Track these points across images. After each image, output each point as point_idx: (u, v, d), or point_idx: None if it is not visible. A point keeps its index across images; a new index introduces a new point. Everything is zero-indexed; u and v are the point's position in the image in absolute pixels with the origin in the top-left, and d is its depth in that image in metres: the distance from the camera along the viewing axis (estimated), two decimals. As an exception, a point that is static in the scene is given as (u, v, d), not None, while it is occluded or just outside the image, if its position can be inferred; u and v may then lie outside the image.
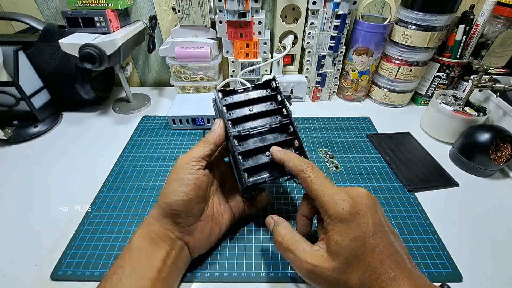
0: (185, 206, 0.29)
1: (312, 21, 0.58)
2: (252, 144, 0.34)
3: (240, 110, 0.35)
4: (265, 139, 0.34)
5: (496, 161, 0.45)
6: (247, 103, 0.36)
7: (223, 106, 0.34)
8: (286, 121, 0.35)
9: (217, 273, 0.34)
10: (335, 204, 0.25)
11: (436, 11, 0.52)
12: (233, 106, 0.35)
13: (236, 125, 0.34)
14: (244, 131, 0.34)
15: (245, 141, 0.34)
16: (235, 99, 0.36)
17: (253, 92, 0.37)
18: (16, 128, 0.54)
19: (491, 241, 0.38)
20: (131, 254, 0.28)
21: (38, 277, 0.33)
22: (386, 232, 0.25)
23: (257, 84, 0.37)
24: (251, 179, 0.32)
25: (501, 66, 0.60)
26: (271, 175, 0.33)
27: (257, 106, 0.36)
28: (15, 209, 0.41)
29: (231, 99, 0.36)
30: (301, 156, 0.33)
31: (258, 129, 0.34)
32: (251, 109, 0.36)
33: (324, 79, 0.64)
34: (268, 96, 0.36)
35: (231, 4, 0.53)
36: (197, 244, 0.32)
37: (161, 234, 0.30)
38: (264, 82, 0.37)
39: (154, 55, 0.70)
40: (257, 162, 0.33)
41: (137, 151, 0.52)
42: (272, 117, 0.36)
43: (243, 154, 0.33)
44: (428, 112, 0.57)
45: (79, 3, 0.51)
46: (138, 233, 0.30)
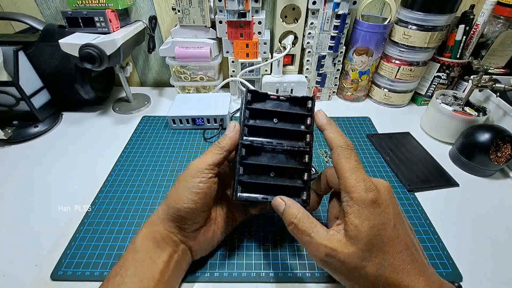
0: (193, 213, 0.29)
1: (312, 21, 0.58)
2: (261, 159, 0.31)
3: (263, 120, 0.31)
4: (276, 159, 0.31)
5: (496, 161, 0.45)
6: (274, 114, 0.31)
7: (247, 109, 0.31)
8: (306, 149, 0.31)
9: (217, 273, 0.34)
10: (361, 189, 0.24)
11: (436, 11, 0.52)
12: (258, 113, 0.31)
13: (252, 134, 0.31)
14: (258, 142, 0.30)
15: (255, 154, 0.31)
16: (263, 106, 0.31)
17: (285, 103, 0.32)
18: (16, 128, 0.54)
19: (491, 241, 0.38)
20: (135, 255, 0.28)
21: (38, 277, 0.33)
22: (406, 226, 0.25)
23: (292, 97, 0.32)
24: (244, 195, 0.30)
25: (501, 66, 0.60)
26: (266, 198, 0.30)
27: (283, 121, 0.32)
28: (15, 209, 0.41)
29: (259, 105, 0.31)
30: (303, 192, 0.30)
31: (273, 145, 0.31)
32: (276, 122, 0.32)
33: (324, 79, 0.64)
34: (299, 115, 0.32)
35: (231, 4, 0.53)
36: (199, 248, 0.32)
37: (165, 236, 0.29)
38: (300, 98, 0.32)
39: (154, 55, 0.70)
40: (257, 179, 0.30)
41: (137, 151, 0.52)
42: (294, 139, 0.32)
43: (246, 166, 0.30)
44: (428, 112, 0.57)
45: (79, 3, 0.51)
46: (141, 233, 0.30)
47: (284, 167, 0.30)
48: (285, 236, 0.38)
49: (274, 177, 0.30)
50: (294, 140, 0.31)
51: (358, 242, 0.23)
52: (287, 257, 0.35)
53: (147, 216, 0.40)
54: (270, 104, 0.32)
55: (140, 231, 0.30)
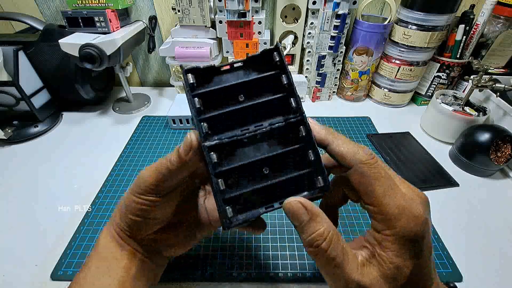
0: (142, 229, 0.26)
1: (312, 21, 0.58)
2: (241, 157, 0.22)
3: (224, 102, 0.22)
4: (261, 149, 0.22)
5: (496, 161, 0.45)
6: (234, 89, 0.22)
7: (194, 96, 0.21)
8: (296, 118, 0.22)
9: (217, 273, 0.34)
10: (405, 220, 0.18)
11: (436, 11, 0.52)
12: (212, 96, 0.22)
13: (217, 129, 0.21)
14: (228, 137, 0.21)
15: (230, 153, 0.22)
16: (215, 84, 0.22)
17: (244, 72, 0.23)
18: (16, 128, 0.54)
19: (491, 241, 0.38)
20: (97, 253, 0.26)
21: (38, 277, 0.33)
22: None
23: (251, 57, 0.22)
24: (240, 217, 0.21)
25: (501, 66, 0.60)
26: (272, 205, 0.21)
27: (251, 94, 0.22)
28: (15, 209, 0.41)
29: (210, 85, 0.22)
30: (317, 177, 0.21)
31: (250, 133, 0.22)
32: (242, 98, 0.22)
33: (324, 79, 0.64)
34: (267, 78, 0.22)
35: (231, 4, 0.53)
36: (166, 248, 0.28)
37: (122, 236, 0.26)
38: (261, 54, 0.22)
39: (154, 55, 0.70)
40: (248, 187, 0.21)
41: (137, 151, 0.52)
42: (275, 113, 0.23)
43: (225, 176, 0.21)
44: (428, 112, 0.57)
45: (79, 3, 0.50)
46: (103, 231, 0.27)
47: (278, 154, 0.22)
48: (285, 236, 0.38)
49: (270, 173, 0.22)
50: (277, 114, 0.23)
51: (395, 283, 0.19)
52: (287, 257, 0.35)
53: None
54: (225, 78, 0.22)
55: (102, 230, 0.27)
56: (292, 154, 0.22)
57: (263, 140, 0.22)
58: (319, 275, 0.34)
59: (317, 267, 0.20)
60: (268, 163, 0.22)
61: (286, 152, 0.22)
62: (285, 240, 0.37)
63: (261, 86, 0.23)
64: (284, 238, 0.37)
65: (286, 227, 0.39)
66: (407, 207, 0.19)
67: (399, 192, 0.19)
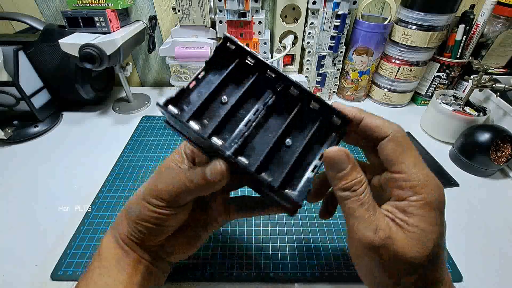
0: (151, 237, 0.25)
1: (312, 21, 0.58)
2: (261, 145, 0.21)
3: (212, 110, 0.22)
4: (270, 127, 0.22)
5: (496, 161, 0.45)
6: (214, 94, 0.22)
7: (187, 121, 0.20)
8: (281, 84, 0.22)
9: (217, 273, 0.34)
10: (431, 188, 0.20)
11: (436, 11, 0.52)
12: (200, 112, 0.21)
13: (223, 135, 0.21)
14: (238, 137, 0.21)
15: (251, 148, 0.21)
16: (195, 101, 0.21)
17: (211, 74, 0.22)
18: (16, 128, 0.54)
19: (491, 241, 0.38)
20: (100, 259, 0.25)
21: (38, 277, 0.33)
22: None
23: (208, 61, 0.22)
24: (300, 189, 0.21)
25: (501, 66, 0.60)
26: (315, 167, 0.22)
27: (230, 91, 0.22)
28: (15, 209, 0.41)
29: (190, 105, 0.21)
30: (331, 115, 0.22)
31: (253, 122, 0.21)
32: (225, 100, 0.22)
33: (324, 79, 0.64)
34: (234, 70, 0.22)
35: (231, 4, 0.53)
36: (175, 250, 0.28)
37: (128, 241, 0.26)
38: (215, 52, 0.22)
39: (154, 55, 0.70)
40: (284, 164, 0.21)
41: (137, 151, 0.52)
42: (261, 96, 0.22)
43: (261, 169, 0.21)
44: (428, 112, 0.57)
45: (79, 3, 0.50)
46: (107, 235, 0.26)
47: (287, 124, 0.22)
48: (285, 236, 0.38)
49: (292, 142, 0.22)
50: (263, 91, 0.23)
51: (424, 247, 0.19)
52: (287, 257, 0.35)
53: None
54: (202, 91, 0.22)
55: (105, 233, 0.27)
56: (299, 115, 0.22)
57: (267, 119, 0.22)
58: (319, 274, 0.34)
59: (346, 215, 0.21)
60: (285, 135, 0.22)
61: (293, 118, 0.22)
62: (285, 240, 0.37)
63: (236, 79, 0.23)
64: (284, 238, 0.37)
65: (286, 227, 0.39)
66: (432, 177, 0.20)
67: (424, 164, 0.21)
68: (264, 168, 0.21)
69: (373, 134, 0.22)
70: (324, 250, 0.36)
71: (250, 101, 0.22)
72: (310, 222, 0.39)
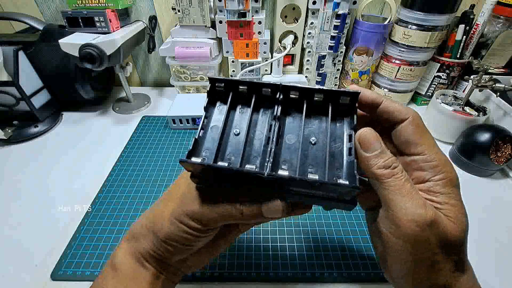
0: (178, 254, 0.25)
1: (312, 21, 0.58)
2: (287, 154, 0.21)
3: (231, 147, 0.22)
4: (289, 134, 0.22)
5: (496, 161, 0.45)
6: (225, 134, 0.22)
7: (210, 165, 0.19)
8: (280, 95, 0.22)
9: (217, 273, 0.34)
10: (450, 167, 0.21)
11: (436, 11, 0.52)
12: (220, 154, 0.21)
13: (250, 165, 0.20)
14: (266, 158, 0.20)
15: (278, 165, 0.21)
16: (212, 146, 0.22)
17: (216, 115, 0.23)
18: (16, 128, 0.54)
19: (491, 241, 0.38)
20: (115, 274, 0.24)
21: (38, 277, 0.33)
22: None
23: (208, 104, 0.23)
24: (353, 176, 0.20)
25: (501, 66, 0.60)
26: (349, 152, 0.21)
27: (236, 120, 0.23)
28: (15, 209, 0.41)
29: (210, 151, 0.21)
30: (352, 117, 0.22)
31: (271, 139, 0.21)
32: (236, 132, 0.22)
33: (324, 79, 0.64)
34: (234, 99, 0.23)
35: (231, 4, 0.53)
36: (192, 265, 0.27)
37: (148, 256, 0.24)
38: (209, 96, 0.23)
39: (154, 55, 0.70)
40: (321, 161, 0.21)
41: (137, 151, 0.52)
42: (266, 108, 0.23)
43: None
44: (428, 112, 0.57)
45: (79, 3, 0.50)
46: (122, 248, 0.25)
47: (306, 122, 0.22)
48: (285, 236, 0.38)
49: (317, 139, 0.22)
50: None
51: (460, 222, 0.20)
52: (287, 257, 0.35)
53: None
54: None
55: (120, 244, 0.25)
56: (310, 112, 0.23)
57: (283, 128, 0.23)
58: (319, 275, 0.34)
59: (389, 197, 0.19)
60: (306, 135, 0.22)
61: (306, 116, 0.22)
62: (285, 240, 0.37)
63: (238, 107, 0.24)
64: (284, 238, 0.37)
65: (286, 227, 0.39)
66: (447, 158, 0.21)
67: (437, 147, 0.21)
68: (305, 172, 0.21)
69: (392, 117, 0.22)
70: (324, 250, 0.36)
71: (260, 119, 0.23)
72: (310, 222, 0.39)
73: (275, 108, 0.22)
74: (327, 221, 0.40)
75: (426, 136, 0.21)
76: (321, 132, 0.22)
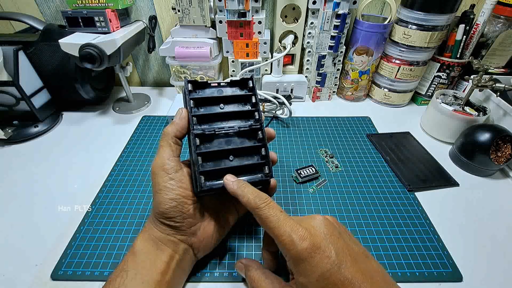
0: (178, 210, 0.29)
1: (312, 21, 0.58)
2: (216, 145, 0.31)
3: (210, 107, 0.32)
4: (231, 142, 0.32)
5: (496, 161, 0.45)
6: (218, 100, 0.33)
7: (191, 99, 0.31)
8: (257, 126, 0.32)
9: (217, 273, 0.34)
10: (293, 243, 0.23)
11: (436, 11, 0.52)
12: (202, 101, 0.32)
13: (202, 122, 0.31)
14: (210, 130, 0.31)
15: (209, 141, 0.31)
16: (206, 94, 0.32)
17: (227, 88, 0.33)
18: (16, 128, 0.54)
19: (491, 241, 0.38)
20: (135, 257, 0.28)
21: (38, 277, 0.33)
22: (355, 260, 0.23)
23: (232, 81, 0.33)
24: (208, 183, 0.29)
25: (501, 66, 0.60)
26: None
27: (229, 105, 0.33)
28: (15, 209, 0.41)
29: (201, 93, 0.32)
30: (264, 166, 0.31)
31: (225, 130, 0.31)
32: (222, 107, 0.32)
33: (324, 79, 0.64)
34: (242, 96, 0.33)
35: (231, 4, 0.53)
36: (201, 245, 0.31)
37: (163, 239, 0.29)
38: (240, 80, 0.33)
39: (154, 55, 0.70)
40: (218, 165, 0.30)
41: (137, 151, 0.52)
42: (243, 119, 0.33)
43: (204, 155, 0.30)
44: (428, 111, 0.57)
45: (79, 3, 0.50)
46: (141, 236, 0.30)
47: (241, 148, 0.31)
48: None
49: (234, 160, 0.31)
50: (244, 121, 0.33)
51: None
52: (287, 257, 0.35)
53: (147, 216, 0.40)
54: (214, 91, 0.33)
55: (139, 234, 0.30)
56: (250, 149, 0.32)
57: (232, 136, 0.32)
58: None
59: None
60: (233, 152, 0.31)
61: (246, 147, 0.31)
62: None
63: (236, 100, 0.33)
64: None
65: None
66: (292, 232, 0.23)
67: (285, 224, 0.24)
68: (203, 158, 0.30)
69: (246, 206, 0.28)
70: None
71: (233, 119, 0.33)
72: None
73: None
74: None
75: (267, 221, 0.25)
76: None
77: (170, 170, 0.29)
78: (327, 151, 0.52)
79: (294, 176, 0.46)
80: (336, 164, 0.49)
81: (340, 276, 0.21)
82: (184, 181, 0.30)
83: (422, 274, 0.33)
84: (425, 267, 0.34)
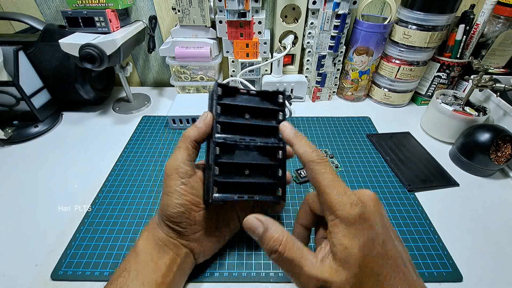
0: (185, 217, 0.29)
1: (312, 21, 0.58)
2: (235, 157, 0.29)
3: (234, 115, 0.31)
4: (250, 156, 0.30)
5: (496, 161, 0.45)
6: (245, 109, 0.31)
7: (218, 105, 0.30)
8: (279, 145, 0.30)
9: (217, 273, 0.34)
10: (345, 205, 0.22)
11: (436, 11, 0.52)
12: (228, 108, 0.30)
13: (224, 130, 0.30)
14: (231, 140, 0.29)
15: (227, 151, 0.29)
16: (235, 101, 0.31)
17: (255, 98, 0.32)
18: (16, 128, 0.54)
19: (491, 241, 0.38)
20: (137, 257, 0.28)
21: (38, 277, 0.33)
22: (393, 241, 0.22)
23: (262, 91, 0.31)
24: (219, 195, 0.28)
25: (501, 66, 0.60)
26: (242, 196, 0.29)
27: (254, 116, 0.31)
28: (15, 209, 0.41)
29: (230, 100, 0.30)
30: (278, 188, 0.30)
31: (246, 142, 0.30)
32: (247, 117, 0.31)
33: (324, 79, 0.64)
34: (270, 110, 0.31)
35: (231, 4, 0.53)
36: (202, 251, 0.31)
37: (166, 241, 0.29)
38: (271, 92, 0.31)
39: (154, 55, 0.70)
40: (232, 178, 0.29)
41: (137, 151, 0.52)
42: (266, 134, 0.31)
43: (221, 166, 0.28)
44: (428, 112, 0.57)
45: (79, 3, 0.50)
46: (144, 235, 0.30)
47: (259, 164, 0.30)
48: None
49: (249, 175, 0.30)
50: (267, 136, 0.31)
51: (350, 265, 0.21)
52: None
53: (147, 216, 0.40)
54: (241, 98, 0.31)
55: (142, 233, 0.30)
56: (268, 167, 0.30)
57: (252, 150, 0.30)
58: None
59: (285, 274, 0.24)
60: (250, 167, 0.30)
61: (265, 165, 0.30)
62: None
63: (263, 113, 0.31)
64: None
65: (286, 227, 0.39)
66: (346, 195, 0.22)
67: (340, 185, 0.23)
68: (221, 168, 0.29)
69: (300, 161, 0.26)
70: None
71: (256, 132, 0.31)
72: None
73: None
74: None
75: (322, 177, 0.23)
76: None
77: (183, 174, 0.29)
78: (327, 151, 0.52)
79: (294, 176, 0.46)
80: (336, 164, 0.49)
81: (382, 250, 0.21)
82: (196, 187, 0.30)
83: (422, 274, 0.33)
84: (425, 267, 0.34)
